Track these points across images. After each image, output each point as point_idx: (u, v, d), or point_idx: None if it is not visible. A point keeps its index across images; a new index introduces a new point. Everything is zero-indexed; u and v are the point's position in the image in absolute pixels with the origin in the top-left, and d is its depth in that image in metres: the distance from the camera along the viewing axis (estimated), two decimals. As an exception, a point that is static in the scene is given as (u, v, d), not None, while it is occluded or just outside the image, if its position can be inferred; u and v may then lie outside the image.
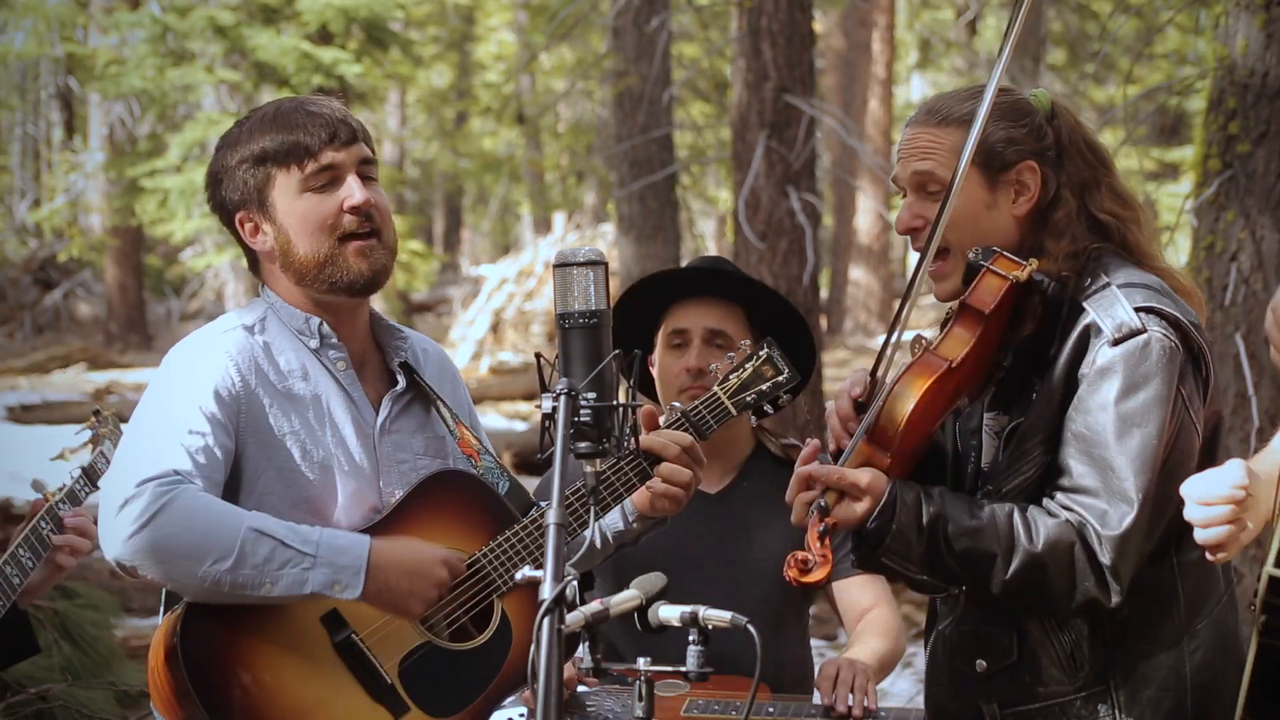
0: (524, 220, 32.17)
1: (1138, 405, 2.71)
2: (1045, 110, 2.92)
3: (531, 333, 20.48)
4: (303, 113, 2.99)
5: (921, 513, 2.73)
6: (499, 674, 2.99)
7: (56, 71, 25.65)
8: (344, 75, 16.07)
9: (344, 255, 2.99)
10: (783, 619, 3.70)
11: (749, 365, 3.25)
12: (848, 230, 22.67)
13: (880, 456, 2.75)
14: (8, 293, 25.29)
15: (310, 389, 3.02)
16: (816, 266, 9.69)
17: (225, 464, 2.91)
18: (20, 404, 16.56)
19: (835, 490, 2.74)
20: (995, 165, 2.86)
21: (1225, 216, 6.02)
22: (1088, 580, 2.71)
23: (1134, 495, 2.70)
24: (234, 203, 3.03)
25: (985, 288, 2.76)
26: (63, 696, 5.29)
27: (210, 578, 2.77)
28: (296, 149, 2.97)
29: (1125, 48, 19.63)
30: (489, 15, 30.70)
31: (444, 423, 3.15)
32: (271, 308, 3.07)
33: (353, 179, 2.99)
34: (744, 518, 3.79)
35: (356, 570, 2.82)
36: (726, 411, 3.21)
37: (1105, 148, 2.98)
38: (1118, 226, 2.89)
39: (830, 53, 22.79)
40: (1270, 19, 5.89)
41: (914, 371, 2.75)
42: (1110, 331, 2.74)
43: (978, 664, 2.89)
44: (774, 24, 9.40)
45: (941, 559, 2.74)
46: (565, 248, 3.20)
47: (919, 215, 2.89)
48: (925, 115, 2.92)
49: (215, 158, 3.07)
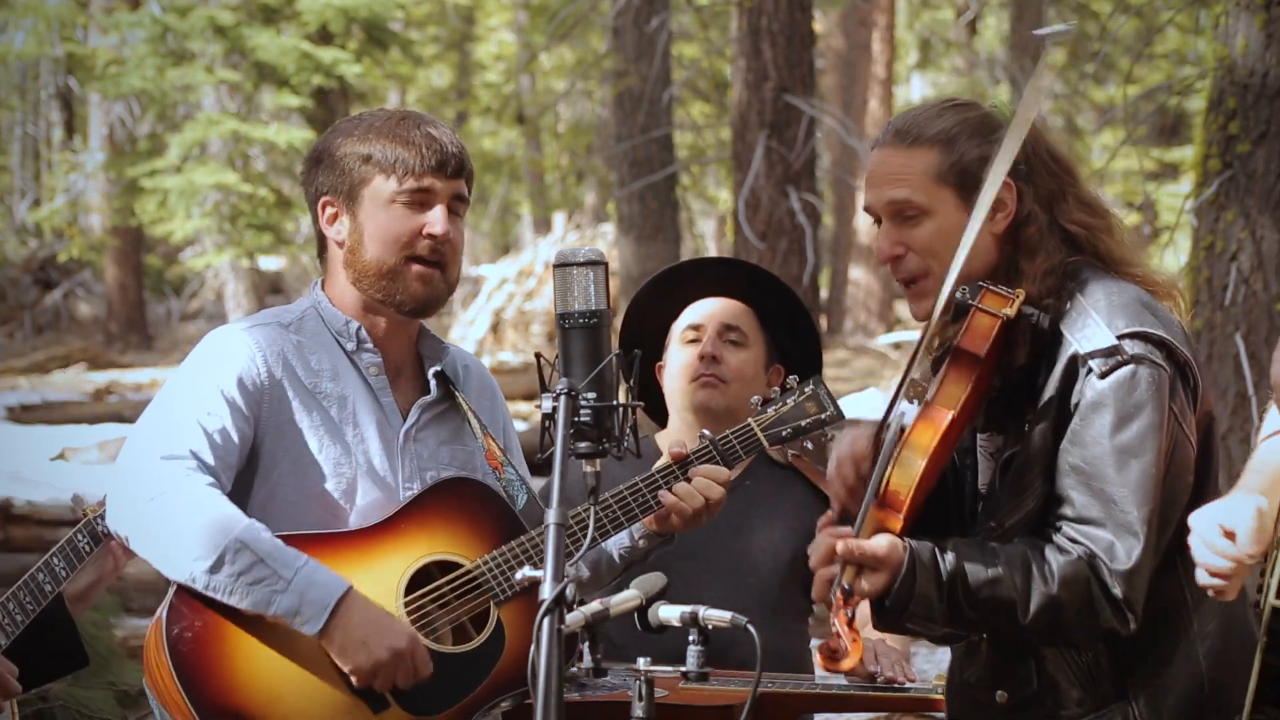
0: (524, 220, 32.17)
1: (1133, 436, 2.70)
2: (1007, 118, 2.85)
3: (531, 333, 20.49)
4: (423, 133, 3.05)
5: (940, 572, 2.71)
6: (486, 679, 2.98)
7: (56, 71, 25.64)
8: (344, 75, 16.07)
9: (406, 274, 3.03)
10: (781, 612, 3.70)
11: (790, 400, 3.24)
12: (848, 230, 22.66)
13: (893, 520, 2.71)
14: (8, 293, 25.28)
15: (338, 389, 3.05)
16: (816, 266, 9.70)
17: (241, 450, 2.97)
18: (20, 404, 16.55)
19: (853, 565, 2.71)
20: (971, 186, 2.78)
21: (1225, 216, 6.02)
22: (1104, 613, 2.72)
23: (1139, 528, 2.69)
24: (325, 186, 3.09)
25: (977, 330, 2.72)
26: (63, 696, 5.29)
27: (187, 572, 2.85)
28: (402, 162, 3.02)
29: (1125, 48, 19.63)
30: (489, 15, 30.70)
31: (475, 436, 3.17)
32: (316, 305, 3.12)
33: (441, 209, 3.04)
34: (744, 513, 3.79)
35: (323, 606, 2.84)
36: (758, 443, 3.21)
37: (1069, 155, 2.93)
38: (1088, 237, 2.85)
39: (830, 53, 22.79)
40: (1270, 19, 5.89)
41: (918, 430, 2.71)
42: (1097, 365, 2.72)
43: (998, 695, 2.89)
44: (774, 24, 9.40)
45: (962, 612, 2.73)
46: (565, 248, 3.20)
47: (899, 242, 2.83)
48: (894, 137, 2.84)
49: (325, 138, 3.14)
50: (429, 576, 3.02)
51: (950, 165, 2.78)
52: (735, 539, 3.76)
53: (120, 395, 17.34)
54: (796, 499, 3.78)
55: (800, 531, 3.78)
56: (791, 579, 3.78)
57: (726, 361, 3.71)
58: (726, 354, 3.72)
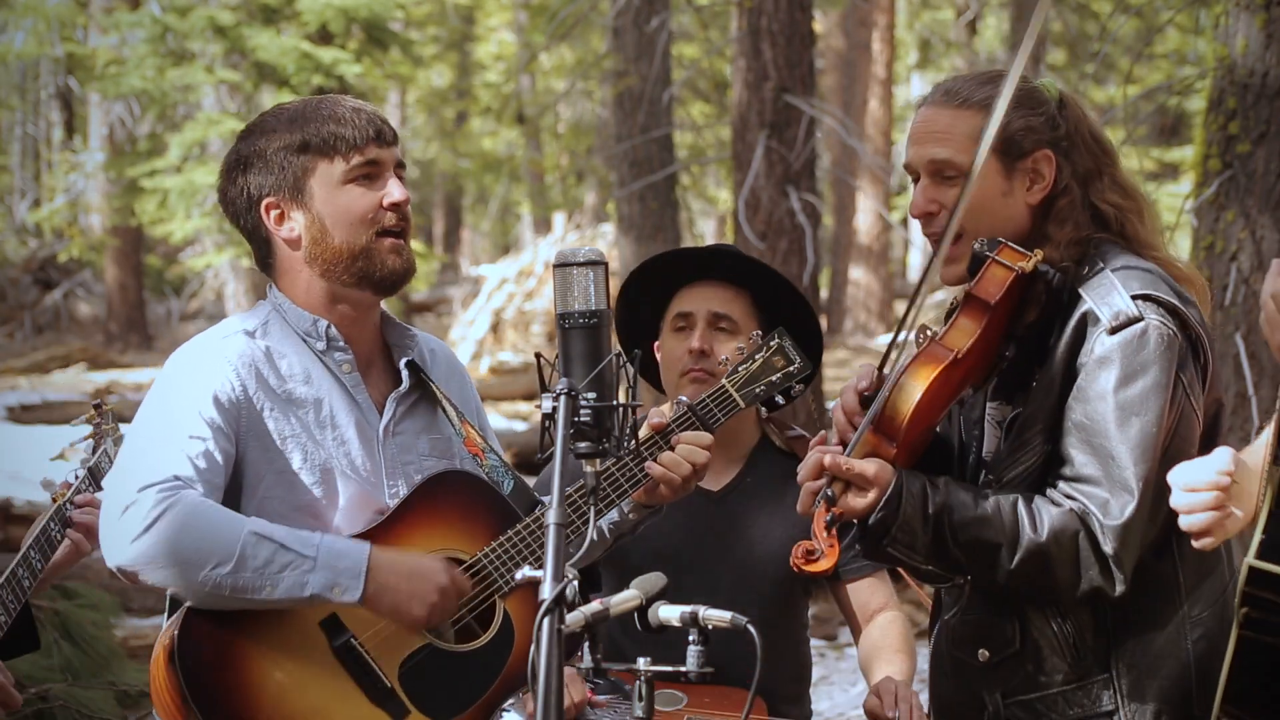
0: (524, 220, 32.17)
1: (1136, 393, 2.73)
2: (1055, 99, 2.93)
3: (531, 333, 20.48)
4: (346, 108, 3.02)
5: (927, 503, 2.74)
6: (501, 675, 2.98)
7: (56, 71, 25.65)
8: (344, 75, 16.06)
9: (379, 249, 3.01)
10: (781, 619, 3.70)
11: (758, 356, 3.24)
12: (848, 230, 22.66)
13: (886, 447, 2.76)
14: (8, 293, 25.28)
15: (312, 392, 3.02)
16: (816, 266, 9.69)
17: (226, 469, 2.92)
18: (20, 404, 16.56)
19: (842, 480, 2.74)
20: (1014, 153, 2.86)
21: (1225, 216, 6.02)
22: (1092, 569, 2.73)
23: (1134, 484, 2.71)
24: (263, 188, 3.02)
25: (991, 278, 2.76)
26: (63, 696, 5.29)
27: (211, 581, 2.78)
28: (342, 141, 2.98)
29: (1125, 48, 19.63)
30: (489, 15, 30.69)
31: (450, 423, 3.15)
32: (277, 309, 3.07)
33: (391, 177, 3.03)
34: (744, 518, 3.78)
35: (356, 573, 2.82)
36: (734, 404, 3.21)
37: (1109, 139, 2.99)
38: (1117, 216, 2.90)
39: (830, 53, 22.78)
40: (1270, 19, 5.89)
41: (919, 362, 2.75)
42: (1107, 320, 2.75)
43: (980, 653, 2.91)
44: (774, 24, 9.40)
45: (947, 549, 2.75)
46: (565, 248, 3.19)
47: (934, 200, 2.89)
48: (943, 97, 2.90)
49: (244, 143, 3.05)
50: None
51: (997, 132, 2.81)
52: (737, 540, 3.75)
53: (120, 395, 17.33)
54: (796, 491, 3.77)
55: (800, 524, 3.77)
56: (794, 585, 3.77)
57: (716, 353, 3.68)
58: (717, 344, 3.69)
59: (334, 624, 2.90)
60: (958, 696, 2.97)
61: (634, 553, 3.64)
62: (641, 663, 2.73)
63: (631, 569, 3.67)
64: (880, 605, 3.81)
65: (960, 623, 2.95)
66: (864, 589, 3.82)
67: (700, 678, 2.85)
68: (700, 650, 2.82)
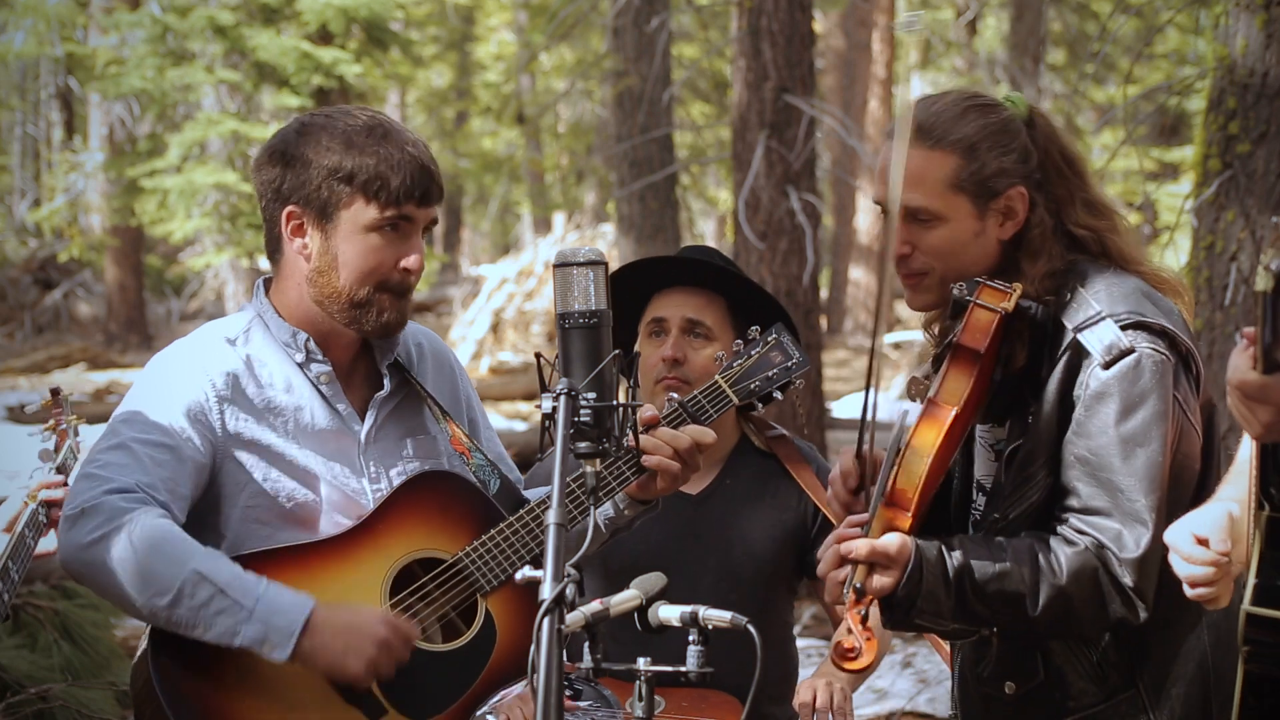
0: (524, 220, 32.15)
1: (1138, 425, 2.72)
2: (1023, 116, 2.89)
3: (531, 333, 20.47)
4: (403, 151, 2.93)
5: (947, 569, 2.73)
6: (482, 674, 2.96)
7: (56, 71, 25.63)
8: (344, 75, 16.06)
9: (378, 303, 2.96)
10: (763, 618, 3.70)
11: (754, 352, 3.22)
12: (848, 230, 22.67)
13: (902, 518, 2.73)
14: (8, 293, 25.27)
15: (293, 401, 3.00)
16: (816, 266, 9.69)
17: (195, 478, 2.90)
18: (20, 404, 16.54)
19: (865, 564, 2.72)
20: (986, 195, 2.83)
21: (1225, 216, 6.02)
22: (1114, 603, 2.73)
23: (1147, 516, 2.71)
24: (293, 194, 2.95)
25: (976, 326, 2.74)
26: (63, 696, 5.29)
27: (148, 609, 2.78)
28: (387, 187, 2.91)
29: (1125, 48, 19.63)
30: (489, 15, 30.69)
31: (437, 421, 3.13)
32: (260, 317, 3.04)
33: (418, 240, 2.98)
34: (725, 520, 3.77)
35: (289, 633, 2.77)
36: (728, 400, 3.19)
37: (1079, 155, 2.95)
38: (1094, 238, 2.88)
39: (830, 53, 22.79)
40: (1270, 19, 5.89)
41: (923, 428, 2.73)
42: (1100, 355, 2.74)
43: (1007, 686, 2.90)
44: (774, 24, 9.39)
45: (970, 607, 2.75)
46: (565, 248, 3.19)
47: (906, 242, 2.86)
48: (916, 134, 2.83)
49: (293, 137, 2.97)
50: (412, 576, 2.98)
51: (969, 175, 2.81)
52: (717, 541, 3.75)
53: (120, 395, 17.32)
54: (776, 493, 3.77)
55: (781, 526, 3.77)
56: (775, 577, 3.78)
57: (690, 361, 3.68)
58: (690, 352, 3.68)
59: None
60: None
61: (614, 556, 3.64)
62: (641, 663, 2.73)
63: (612, 573, 3.67)
64: None
65: (986, 662, 2.94)
66: None
67: (700, 678, 2.85)
68: (700, 650, 2.82)
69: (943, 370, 2.77)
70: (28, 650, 5.69)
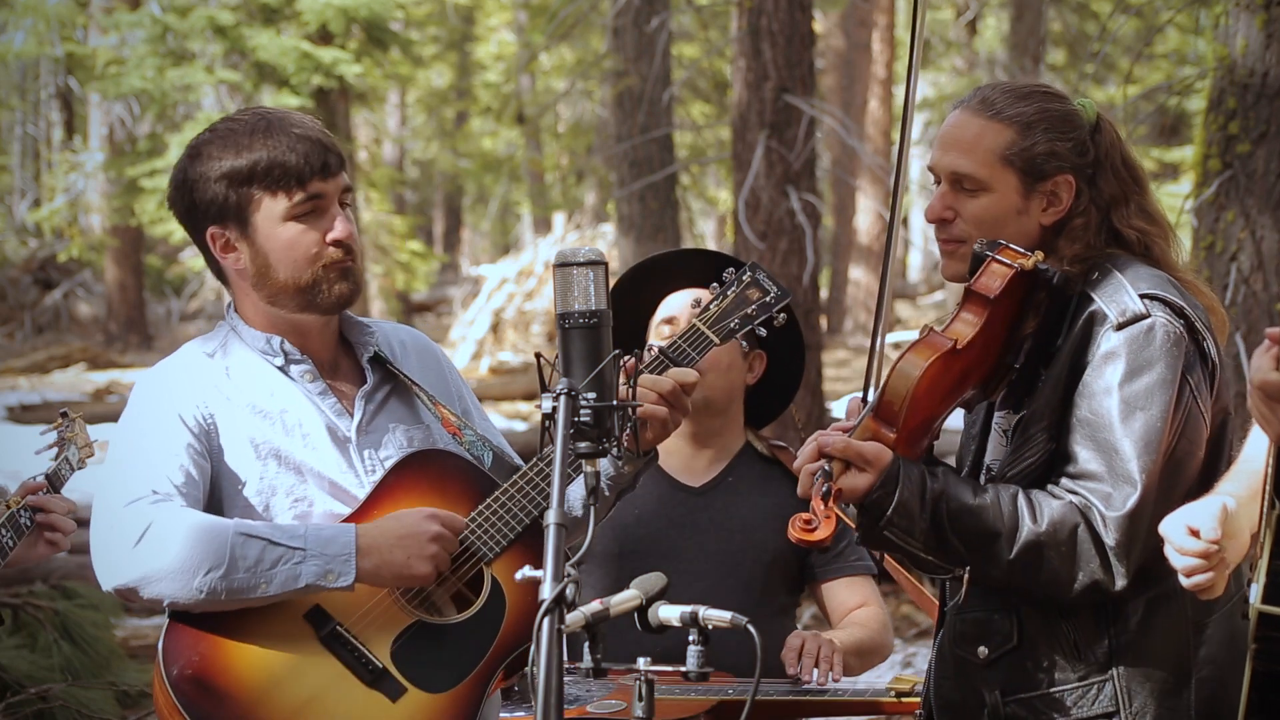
0: (524, 220, 32.16)
1: (1141, 388, 2.75)
2: (1090, 121, 2.95)
3: (531, 333, 20.48)
4: (290, 135, 2.93)
5: (925, 488, 2.75)
6: (495, 641, 2.95)
7: (56, 71, 25.63)
8: (344, 75, 16.06)
9: (325, 279, 2.98)
10: (763, 611, 3.71)
11: (730, 291, 3.19)
12: (848, 230, 22.66)
13: (886, 433, 2.78)
14: (8, 293, 25.26)
15: (278, 404, 3.01)
16: (816, 266, 9.70)
17: (203, 483, 2.93)
18: (20, 404, 16.56)
19: (841, 460, 2.76)
20: (1034, 175, 2.89)
21: (1225, 216, 6.02)
22: (1092, 563, 2.74)
23: (1137, 476, 2.72)
24: (207, 215, 2.98)
25: (990, 274, 2.80)
26: (63, 696, 5.30)
27: (206, 587, 2.79)
28: (286, 175, 2.92)
29: (1125, 48, 19.62)
30: (489, 15, 30.69)
31: (428, 408, 3.14)
32: (234, 331, 3.07)
33: (336, 210, 2.98)
34: (726, 511, 3.80)
35: (347, 557, 2.82)
36: (708, 341, 3.14)
37: (1141, 166, 3.02)
38: (1140, 239, 2.93)
39: (830, 53, 22.78)
40: (1270, 19, 5.89)
41: (918, 348, 2.79)
42: (1114, 316, 2.78)
43: (979, 650, 2.92)
44: (774, 24, 9.40)
45: (945, 536, 2.77)
46: (565, 248, 3.19)
47: (950, 207, 2.93)
48: (978, 105, 2.93)
49: (187, 163, 2.98)
50: None
51: (1020, 150, 2.88)
52: (717, 542, 3.77)
53: (120, 395, 17.33)
54: (779, 495, 3.78)
55: (781, 519, 3.77)
56: (774, 577, 3.79)
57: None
58: None
59: (319, 614, 2.90)
60: (958, 696, 2.97)
61: (615, 542, 3.67)
62: (641, 663, 2.73)
63: (612, 558, 3.70)
64: (858, 603, 3.83)
65: (960, 621, 2.96)
66: (840, 588, 3.85)
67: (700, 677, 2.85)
68: (700, 650, 2.82)
69: (953, 312, 2.84)
70: (28, 650, 5.70)
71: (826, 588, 3.85)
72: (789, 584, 3.87)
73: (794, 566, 3.84)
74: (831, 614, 3.88)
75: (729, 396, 3.79)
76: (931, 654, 3.12)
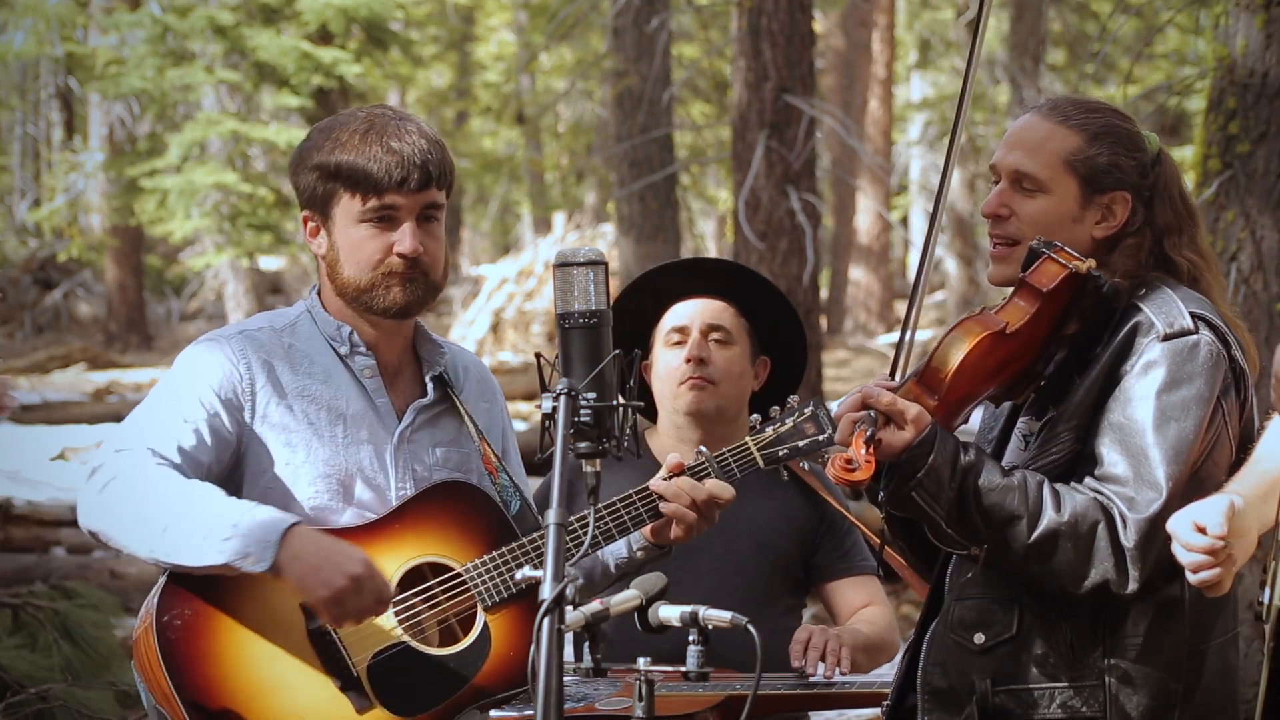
0: (524, 220, 32.16)
1: (1178, 399, 2.78)
2: (1153, 152, 2.98)
3: (531, 333, 20.49)
4: (384, 144, 2.99)
5: (958, 458, 2.79)
6: (469, 683, 2.97)
7: (56, 71, 25.62)
8: (344, 75, 16.07)
9: (384, 285, 3.02)
10: (768, 608, 3.72)
11: (789, 420, 3.26)
12: (848, 230, 22.66)
13: (928, 399, 2.82)
14: (8, 293, 25.25)
15: (329, 392, 3.04)
16: (816, 266, 9.70)
17: (218, 450, 2.96)
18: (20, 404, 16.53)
19: (883, 414, 2.79)
20: (1094, 185, 2.92)
21: (1225, 216, 6.02)
22: (1106, 562, 2.76)
23: (1164, 483, 2.75)
24: (302, 199, 3.09)
25: (1045, 270, 2.83)
26: (63, 696, 5.30)
27: (147, 545, 2.84)
28: (365, 181, 2.98)
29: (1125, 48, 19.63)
30: (489, 15, 30.69)
31: (472, 439, 3.16)
32: (310, 310, 3.12)
33: (409, 225, 3.00)
34: (732, 513, 3.80)
35: (268, 543, 2.80)
36: (754, 463, 3.23)
37: (1197, 207, 3.05)
38: (1189, 269, 2.96)
39: (830, 53, 22.79)
40: (1270, 19, 5.89)
41: (970, 322, 2.83)
42: (1162, 327, 2.81)
43: (976, 637, 2.93)
44: (774, 24, 9.40)
45: (968, 510, 2.79)
46: (565, 248, 3.20)
47: (1006, 205, 2.95)
48: (1049, 110, 2.97)
49: (302, 145, 3.10)
50: (421, 576, 3.01)
51: (1084, 158, 2.91)
52: (723, 540, 3.77)
53: (120, 395, 17.34)
54: (786, 495, 3.79)
55: (786, 520, 3.80)
56: (779, 578, 3.80)
57: (713, 361, 3.73)
58: (713, 354, 3.73)
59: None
60: (947, 682, 2.97)
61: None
62: (641, 663, 2.73)
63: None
64: (864, 602, 3.83)
65: (959, 605, 2.97)
66: (846, 587, 3.85)
67: (700, 677, 2.85)
68: (700, 650, 2.83)
69: (1006, 298, 2.87)
70: (28, 650, 5.70)
71: (832, 587, 3.86)
72: (794, 585, 3.87)
73: (799, 567, 3.85)
74: (838, 613, 3.88)
75: (739, 404, 3.81)
76: (908, 642, 3.12)
